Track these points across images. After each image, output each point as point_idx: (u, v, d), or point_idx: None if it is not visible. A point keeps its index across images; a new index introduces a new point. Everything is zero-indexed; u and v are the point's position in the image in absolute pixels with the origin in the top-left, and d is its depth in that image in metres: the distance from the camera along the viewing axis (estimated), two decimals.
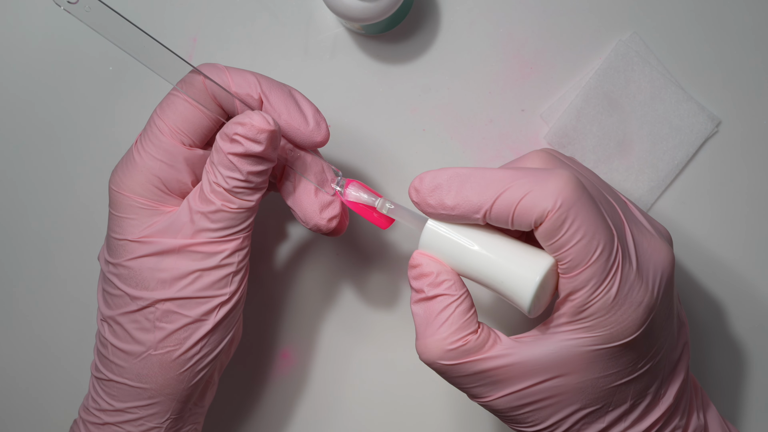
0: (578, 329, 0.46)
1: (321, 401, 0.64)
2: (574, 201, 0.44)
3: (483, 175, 0.46)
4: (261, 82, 0.50)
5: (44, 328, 0.65)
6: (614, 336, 0.46)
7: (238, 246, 0.50)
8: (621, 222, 0.47)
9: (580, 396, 0.47)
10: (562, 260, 0.45)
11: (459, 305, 0.47)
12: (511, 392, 0.47)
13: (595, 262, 0.44)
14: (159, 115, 0.50)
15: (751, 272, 0.62)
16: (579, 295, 0.45)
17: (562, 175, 0.45)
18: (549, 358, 0.46)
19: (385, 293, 0.63)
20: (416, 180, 0.48)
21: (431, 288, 0.48)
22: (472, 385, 0.48)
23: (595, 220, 0.45)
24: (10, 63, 0.64)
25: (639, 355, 0.47)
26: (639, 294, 0.45)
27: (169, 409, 0.52)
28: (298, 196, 0.52)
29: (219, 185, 0.49)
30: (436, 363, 0.47)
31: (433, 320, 0.47)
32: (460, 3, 0.62)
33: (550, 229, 0.45)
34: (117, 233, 0.50)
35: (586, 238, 0.44)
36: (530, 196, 0.45)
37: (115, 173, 0.51)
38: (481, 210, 0.46)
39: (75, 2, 0.47)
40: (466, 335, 0.47)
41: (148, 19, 0.63)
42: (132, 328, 0.50)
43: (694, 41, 0.62)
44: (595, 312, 0.45)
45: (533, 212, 0.45)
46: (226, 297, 0.50)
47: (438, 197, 0.47)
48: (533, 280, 0.46)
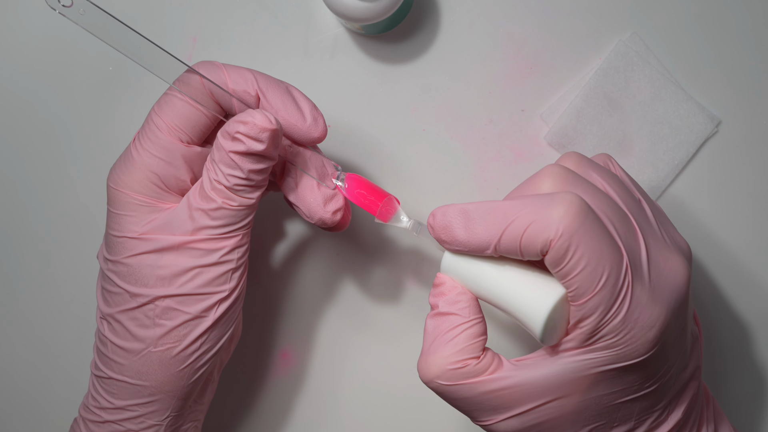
0: (587, 351, 0.45)
1: (321, 400, 0.64)
2: (575, 228, 0.43)
3: (487, 210, 0.46)
4: (258, 79, 0.51)
5: (44, 328, 0.65)
6: (622, 357, 0.45)
7: (238, 243, 0.50)
8: (636, 239, 0.46)
9: (583, 415, 0.46)
10: (569, 287, 0.44)
11: (468, 328, 0.47)
12: (511, 416, 0.46)
13: (602, 290, 0.44)
14: (157, 113, 0.50)
15: (752, 272, 0.62)
16: (587, 322, 0.44)
17: (563, 201, 0.44)
18: (551, 379, 0.45)
19: (385, 292, 0.63)
20: (430, 216, 0.48)
21: (445, 305, 0.48)
22: (471, 408, 0.47)
23: (600, 246, 0.44)
24: (10, 63, 0.64)
25: (647, 375, 0.46)
26: (652, 316, 0.44)
27: (170, 407, 0.52)
28: (300, 192, 0.52)
29: (220, 183, 0.49)
30: (433, 382, 0.47)
31: (440, 337, 0.47)
32: (460, 3, 0.62)
33: (555, 258, 0.44)
34: (116, 230, 0.51)
35: (591, 266, 0.43)
36: (533, 227, 0.44)
37: (113, 171, 0.51)
38: (491, 245, 0.45)
39: (69, 5, 0.48)
40: (468, 359, 0.46)
41: (148, 19, 0.63)
42: (131, 326, 0.50)
43: (694, 41, 0.62)
44: (605, 335, 0.44)
45: (537, 243, 0.44)
46: (225, 293, 0.50)
47: (450, 234, 0.47)
48: (544, 308, 0.45)
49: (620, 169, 0.50)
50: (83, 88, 0.64)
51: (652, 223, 0.48)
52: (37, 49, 0.64)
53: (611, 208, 0.46)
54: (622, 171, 0.50)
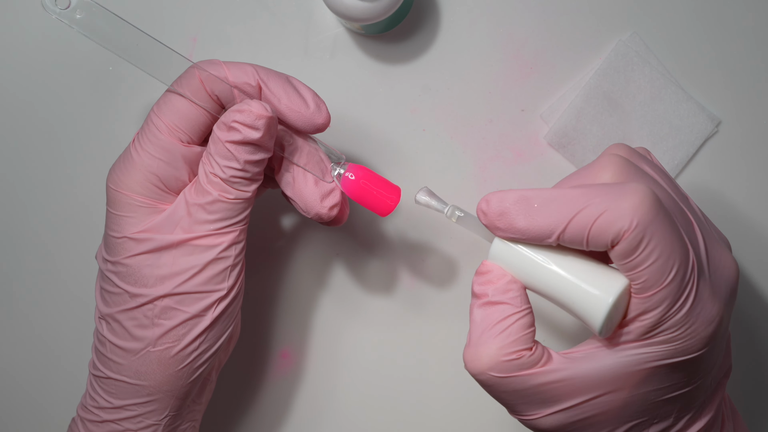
0: (645, 344, 0.44)
1: (320, 399, 0.64)
2: (650, 219, 0.42)
3: (552, 196, 0.44)
4: (258, 71, 0.51)
5: (44, 328, 0.65)
6: (680, 352, 0.44)
7: (235, 239, 0.50)
8: (695, 235, 0.45)
9: (629, 410, 0.45)
10: (636, 280, 0.43)
11: (520, 318, 0.46)
12: (559, 410, 0.45)
13: (671, 283, 0.43)
14: (156, 113, 0.50)
15: (752, 272, 0.62)
16: (650, 315, 0.43)
17: (637, 191, 0.43)
18: (604, 373, 0.45)
19: (386, 292, 0.63)
20: (482, 202, 0.46)
21: (496, 293, 0.46)
22: (519, 401, 0.46)
23: (672, 239, 0.43)
24: (10, 63, 0.64)
25: (695, 371, 0.45)
26: (712, 311, 0.44)
27: (168, 406, 0.52)
28: (297, 187, 0.52)
29: (216, 175, 0.49)
30: (485, 374, 0.45)
31: (491, 328, 0.45)
32: (460, 3, 0.62)
33: (626, 249, 0.43)
34: (115, 231, 0.51)
35: (662, 258, 0.42)
36: (605, 216, 0.43)
37: (113, 172, 0.51)
38: (554, 234, 0.44)
39: (66, 8, 0.48)
40: (522, 350, 0.45)
41: (148, 19, 0.63)
42: (130, 326, 0.50)
43: (694, 41, 0.62)
44: (666, 329, 0.44)
45: (609, 233, 0.43)
46: (224, 292, 0.50)
47: (507, 222, 0.45)
48: (607, 301, 0.44)
49: (659, 162, 0.50)
50: (83, 88, 0.64)
51: (702, 218, 0.48)
52: (37, 48, 0.64)
53: (672, 202, 0.46)
54: (660, 164, 0.50)
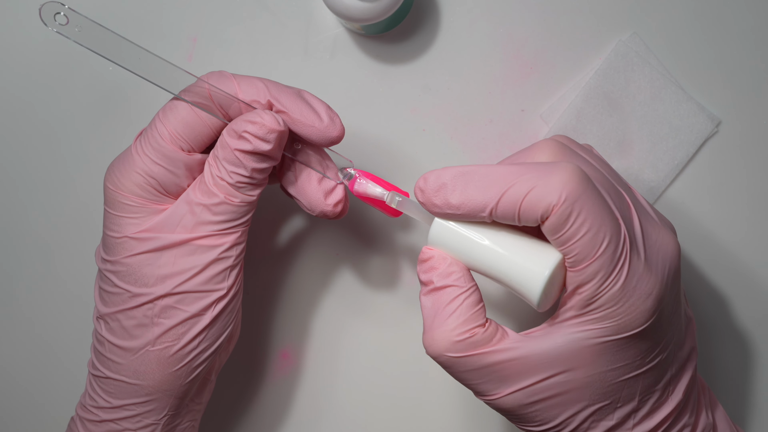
0: (586, 321, 0.46)
1: (321, 399, 0.64)
2: (579, 194, 0.44)
3: (487, 172, 0.46)
4: (269, 87, 0.51)
5: (45, 327, 0.65)
6: (622, 327, 0.45)
7: (237, 240, 0.50)
8: (629, 211, 0.47)
9: (588, 391, 0.47)
10: (568, 254, 0.45)
11: (467, 297, 0.47)
12: (518, 389, 0.47)
13: (602, 255, 0.44)
14: (161, 120, 0.50)
15: (752, 272, 0.62)
16: (587, 288, 0.45)
17: (566, 168, 0.45)
18: (556, 351, 0.46)
19: (386, 291, 0.63)
20: (420, 180, 0.48)
21: (440, 279, 0.48)
22: (479, 381, 0.47)
23: (601, 213, 0.44)
24: (10, 63, 0.64)
25: (647, 347, 0.47)
26: (648, 285, 0.45)
27: (167, 406, 0.52)
28: (300, 185, 0.52)
29: (223, 179, 0.49)
30: (442, 356, 0.47)
31: (441, 311, 0.47)
32: (460, 3, 0.62)
33: (556, 224, 0.44)
34: (114, 231, 0.51)
35: (591, 231, 0.44)
36: (535, 192, 0.44)
37: (111, 172, 0.51)
38: (487, 208, 0.46)
39: (65, 23, 0.48)
40: (474, 327, 0.46)
41: (148, 19, 0.63)
42: (130, 325, 0.51)
43: (694, 41, 0.62)
44: (604, 304, 0.45)
45: (538, 207, 0.44)
46: (223, 291, 0.50)
47: (443, 197, 0.47)
48: (542, 274, 0.45)
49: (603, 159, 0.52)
50: (83, 88, 0.64)
51: (642, 202, 0.49)
52: (37, 50, 0.64)
53: (606, 181, 0.47)
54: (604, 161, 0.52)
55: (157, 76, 0.49)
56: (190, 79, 0.50)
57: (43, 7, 0.47)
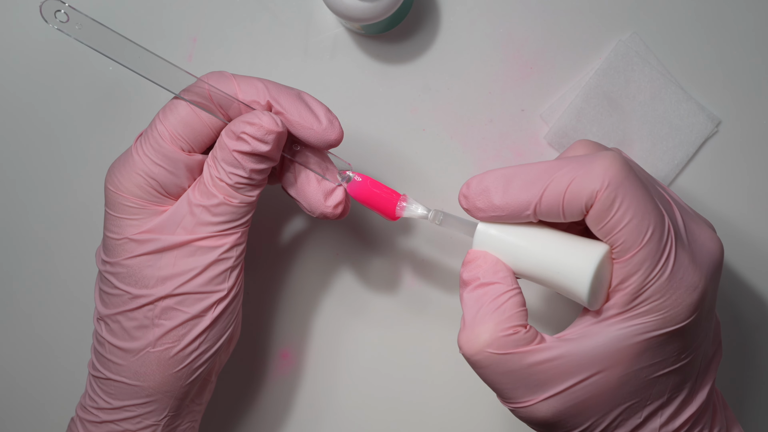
0: (631, 317, 0.45)
1: (321, 399, 0.64)
2: (621, 180, 0.44)
3: (528, 170, 0.46)
4: (269, 88, 0.50)
5: (45, 328, 0.65)
6: (668, 321, 0.45)
7: (237, 240, 0.50)
8: (670, 205, 0.46)
9: (621, 390, 0.46)
10: (614, 243, 0.44)
11: (513, 296, 0.46)
12: (553, 394, 0.46)
13: (648, 242, 0.44)
14: (161, 120, 0.50)
15: (751, 272, 0.62)
16: (633, 280, 0.44)
17: (606, 156, 0.45)
18: (597, 350, 0.45)
19: (387, 292, 0.63)
20: (464, 187, 0.48)
21: (487, 275, 0.47)
22: (514, 384, 0.46)
23: (645, 200, 0.44)
24: (10, 63, 0.64)
25: (685, 343, 0.46)
26: (694, 277, 0.45)
27: (167, 407, 0.52)
28: (300, 187, 0.52)
29: (222, 180, 0.49)
30: (483, 352, 0.46)
31: (486, 306, 0.46)
32: (460, 3, 0.62)
33: (600, 210, 0.44)
34: (114, 233, 0.51)
35: (637, 218, 0.44)
36: (577, 181, 0.44)
37: (112, 173, 0.51)
38: (531, 205, 0.45)
39: (66, 21, 0.48)
40: (518, 325, 0.46)
41: (148, 19, 0.63)
42: (130, 326, 0.51)
43: (694, 41, 0.62)
44: (650, 296, 0.44)
45: (582, 196, 0.44)
46: (224, 293, 0.50)
47: (486, 199, 0.47)
48: (589, 268, 0.45)
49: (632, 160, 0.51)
50: (83, 88, 0.64)
51: (678, 200, 0.49)
52: (37, 50, 0.64)
53: (643, 173, 0.47)
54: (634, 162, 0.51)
55: (158, 75, 0.49)
56: (190, 78, 0.50)
57: (43, 4, 0.47)
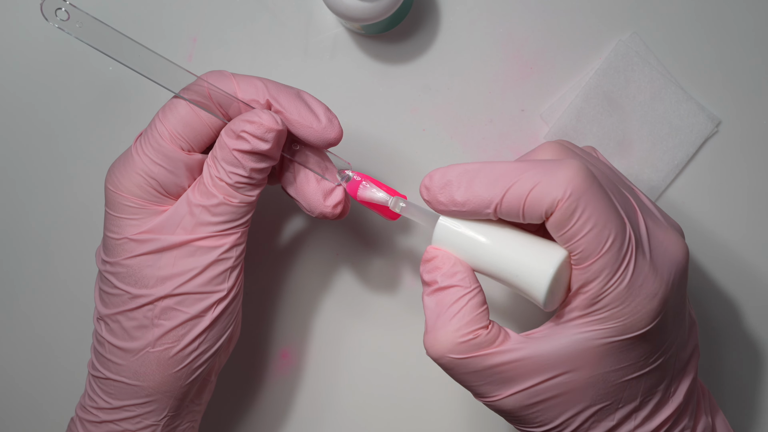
0: (591, 321, 0.45)
1: (321, 399, 0.64)
2: (584, 190, 0.44)
3: (492, 169, 0.46)
4: (268, 87, 0.50)
5: (44, 328, 0.65)
6: (627, 328, 0.45)
7: (236, 241, 0.50)
8: (634, 212, 0.47)
9: (589, 392, 0.46)
10: (574, 251, 0.45)
11: (472, 298, 0.47)
12: (520, 390, 0.46)
13: (608, 252, 0.44)
14: (161, 119, 0.50)
15: (751, 272, 0.62)
16: (592, 286, 0.45)
17: (571, 165, 0.45)
18: (560, 352, 0.46)
19: (387, 292, 0.63)
20: (426, 178, 0.47)
21: (444, 278, 0.47)
22: (480, 382, 0.47)
23: (606, 209, 0.44)
24: (10, 63, 0.64)
25: (651, 348, 0.46)
26: (653, 285, 0.45)
27: (167, 407, 0.52)
28: (300, 187, 0.52)
29: (221, 180, 0.49)
30: (445, 357, 0.46)
31: (445, 312, 0.46)
32: (460, 3, 0.62)
33: (561, 219, 0.44)
34: (114, 233, 0.51)
35: (597, 227, 0.44)
36: (539, 187, 0.44)
37: (112, 173, 0.51)
38: (492, 204, 0.45)
39: (66, 19, 0.48)
40: (477, 329, 0.46)
41: (148, 19, 0.63)
42: (130, 326, 0.51)
43: (694, 41, 0.62)
44: (609, 303, 0.45)
45: (543, 203, 0.44)
46: (223, 293, 0.50)
47: (448, 194, 0.47)
48: (547, 272, 0.45)
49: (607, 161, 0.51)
50: (83, 88, 0.64)
51: (646, 203, 0.49)
52: (37, 49, 0.64)
53: (609, 182, 0.47)
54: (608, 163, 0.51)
55: (157, 73, 0.49)
56: (190, 77, 0.50)
57: (44, 2, 0.47)
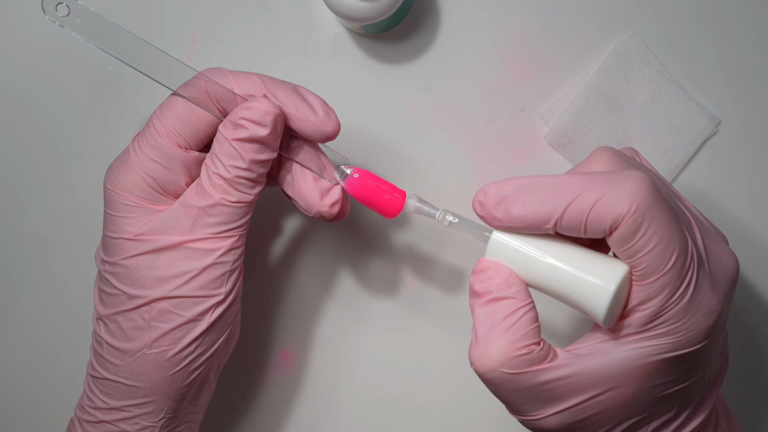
0: (646, 338, 0.44)
1: (321, 400, 0.64)
2: (649, 204, 0.42)
3: (551, 183, 0.44)
4: (265, 82, 0.51)
5: (44, 327, 0.65)
6: (683, 344, 0.44)
7: (234, 244, 0.50)
8: (691, 226, 0.45)
9: (632, 406, 0.45)
10: (637, 266, 0.43)
11: (527, 312, 0.45)
12: (564, 408, 0.45)
13: (672, 269, 0.43)
14: (158, 117, 0.50)
15: (751, 272, 0.62)
16: (653, 303, 0.43)
17: (635, 177, 0.43)
18: (610, 369, 0.44)
19: (388, 293, 0.63)
20: (479, 193, 0.46)
21: (499, 289, 0.45)
22: (525, 400, 0.45)
23: (671, 224, 0.43)
24: (10, 63, 0.64)
25: (696, 364, 0.45)
26: (712, 301, 0.44)
27: (164, 408, 0.52)
28: (297, 186, 0.52)
29: (220, 176, 0.49)
30: (496, 371, 0.44)
31: (499, 324, 0.45)
32: (460, 3, 0.62)
33: (626, 234, 0.43)
34: (112, 232, 0.51)
35: (662, 244, 0.42)
36: (603, 201, 0.43)
37: (110, 172, 0.51)
38: (551, 220, 0.44)
39: (67, 14, 0.48)
40: (531, 344, 0.44)
41: (148, 19, 0.63)
42: (127, 327, 0.50)
43: (694, 41, 0.62)
44: (669, 319, 0.43)
45: (608, 217, 0.43)
46: (221, 297, 0.50)
47: (504, 210, 0.45)
48: (608, 289, 0.43)
49: (648, 163, 0.50)
50: (83, 88, 0.64)
51: (696, 213, 0.48)
52: (37, 49, 0.64)
53: (667, 192, 0.46)
54: (649, 164, 0.50)
55: (157, 69, 0.49)
56: (189, 72, 0.50)
57: None
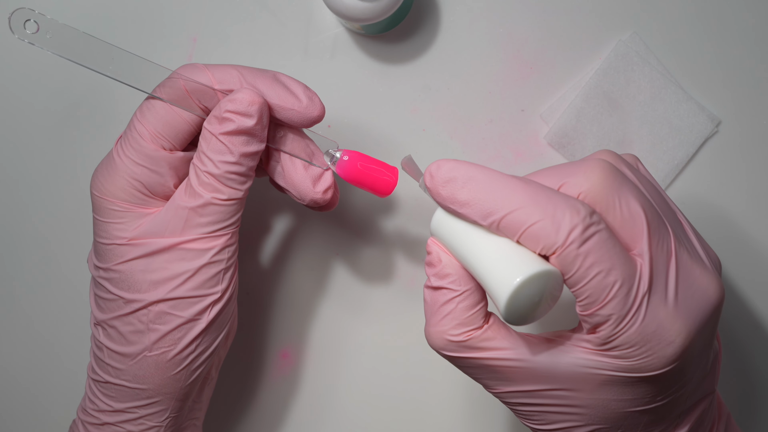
0: (603, 354, 0.44)
1: (321, 399, 0.64)
2: (589, 235, 0.42)
3: (505, 183, 0.44)
4: (244, 74, 0.50)
5: (45, 327, 0.65)
6: (636, 369, 0.43)
7: (227, 242, 0.50)
8: (667, 251, 0.44)
9: (590, 412, 0.45)
10: (578, 297, 0.43)
11: (462, 301, 0.46)
12: (520, 390, 0.46)
13: (612, 300, 0.42)
14: (139, 120, 0.50)
15: (751, 272, 0.62)
16: (602, 329, 0.43)
17: (577, 210, 0.42)
18: (559, 370, 0.45)
19: (387, 290, 0.63)
20: (433, 165, 0.45)
21: (436, 279, 0.46)
22: (481, 376, 0.47)
23: (611, 255, 0.42)
24: (10, 63, 0.64)
25: (660, 388, 0.44)
26: (671, 332, 0.42)
27: (169, 408, 0.52)
28: (288, 175, 0.51)
29: (209, 173, 0.48)
30: (440, 352, 0.47)
31: (437, 310, 0.46)
32: (460, 3, 0.62)
33: (562, 264, 0.42)
34: (103, 238, 0.50)
35: (601, 275, 0.42)
36: (539, 225, 0.42)
37: (96, 178, 0.51)
38: (489, 219, 0.43)
39: (36, 31, 0.47)
40: (469, 331, 0.45)
41: (148, 19, 0.63)
42: (126, 331, 0.50)
43: (694, 41, 0.62)
44: (621, 344, 0.43)
45: (539, 243, 0.42)
46: (218, 295, 0.50)
47: (450, 190, 0.45)
48: (512, 281, 0.42)
49: (648, 173, 0.49)
50: (83, 88, 0.64)
51: (688, 235, 0.46)
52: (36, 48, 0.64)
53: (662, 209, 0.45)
54: (649, 175, 0.48)
55: (131, 74, 0.49)
56: (165, 73, 0.49)
57: (12, 16, 0.46)
